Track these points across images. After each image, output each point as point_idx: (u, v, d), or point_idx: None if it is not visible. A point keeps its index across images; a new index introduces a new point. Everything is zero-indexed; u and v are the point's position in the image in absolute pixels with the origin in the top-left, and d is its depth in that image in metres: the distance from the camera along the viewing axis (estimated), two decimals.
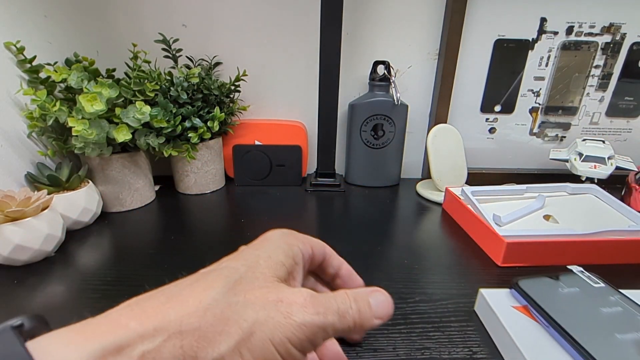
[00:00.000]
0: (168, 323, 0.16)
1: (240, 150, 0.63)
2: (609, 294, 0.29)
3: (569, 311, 0.28)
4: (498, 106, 0.67)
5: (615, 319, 0.27)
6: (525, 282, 0.31)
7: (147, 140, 0.51)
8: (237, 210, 0.56)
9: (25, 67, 0.46)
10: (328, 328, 0.19)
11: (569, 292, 0.30)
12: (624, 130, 0.69)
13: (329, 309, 0.19)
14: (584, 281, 0.31)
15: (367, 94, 0.63)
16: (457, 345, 0.29)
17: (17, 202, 0.37)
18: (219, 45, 0.62)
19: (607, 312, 0.27)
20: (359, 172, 0.66)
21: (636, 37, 0.63)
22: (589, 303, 0.29)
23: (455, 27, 0.60)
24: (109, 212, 0.53)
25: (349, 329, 0.20)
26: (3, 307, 0.33)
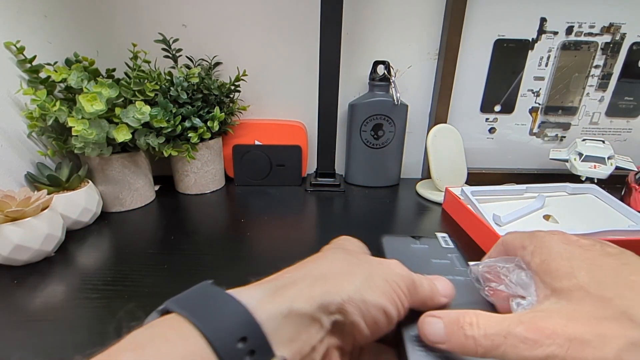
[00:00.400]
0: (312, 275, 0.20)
1: (240, 150, 0.63)
2: (448, 252, 0.34)
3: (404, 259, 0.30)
4: (498, 106, 0.67)
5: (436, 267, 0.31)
6: (387, 238, 0.36)
7: (147, 140, 0.51)
8: (237, 210, 0.56)
9: (25, 67, 0.46)
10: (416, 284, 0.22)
11: (416, 248, 0.34)
12: (624, 130, 0.69)
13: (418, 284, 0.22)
14: (437, 242, 0.35)
15: (367, 94, 0.63)
16: None
17: (17, 202, 0.37)
18: (219, 45, 0.62)
19: (435, 262, 0.32)
20: (359, 172, 0.66)
21: (636, 37, 0.63)
22: (426, 256, 0.33)
23: (455, 27, 0.60)
24: (109, 212, 0.53)
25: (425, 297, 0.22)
26: (3, 306, 0.33)
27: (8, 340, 0.29)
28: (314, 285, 0.18)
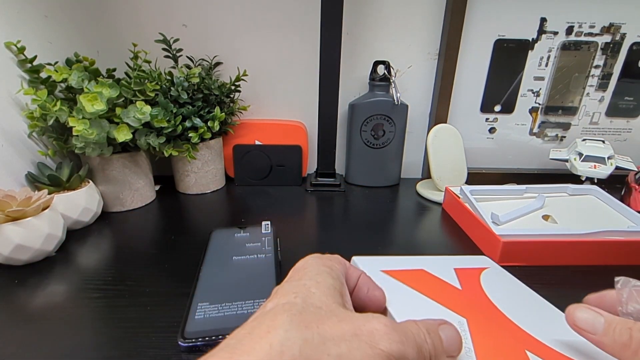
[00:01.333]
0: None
1: (240, 150, 0.63)
2: (263, 236, 0.42)
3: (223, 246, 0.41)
4: (498, 106, 0.67)
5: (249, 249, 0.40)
6: (216, 231, 0.44)
7: (148, 140, 0.51)
8: (238, 210, 0.56)
9: (26, 67, 0.47)
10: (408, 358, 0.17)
11: (238, 236, 0.43)
12: (624, 130, 0.69)
13: (409, 339, 0.18)
14: (258, 229, 0.44)
15: (367, 94, 0.63)
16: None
17: (17, 201, 0.38)
18: (219, 45, 0.62)
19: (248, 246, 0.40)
20: (359, 172, 0.66)
21: (636, 37, 0.63)
22: (243, 241, 0.41)
23: (455, 27, 0.60)
24: (110, 212, 0.53)
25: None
26: (4, 306, 0.34)
27: (8, 340, 0.29)
28: None
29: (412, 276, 0.30)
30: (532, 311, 0.28)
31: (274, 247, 0.40)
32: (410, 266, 0.32)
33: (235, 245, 0.41)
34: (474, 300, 0.28)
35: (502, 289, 0.31)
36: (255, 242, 0.41)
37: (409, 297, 0.27)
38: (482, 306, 0.28)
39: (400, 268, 0.31)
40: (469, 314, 0.26)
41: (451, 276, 0.31)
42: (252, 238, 0.42)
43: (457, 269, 0.33)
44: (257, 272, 0.36)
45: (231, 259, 0.38)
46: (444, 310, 0.26)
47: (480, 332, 0.24)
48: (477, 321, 0.25)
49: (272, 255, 0.39)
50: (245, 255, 0.39)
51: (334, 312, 0.18)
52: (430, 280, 0.30)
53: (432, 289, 0.28)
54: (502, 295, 0.29)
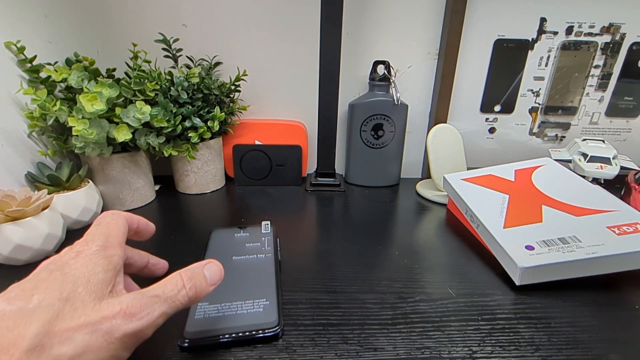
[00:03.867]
0: None
1: (240, 150, 0.63)
2: (263, 236, 0.43)
3: (224, 245, 0.41)
4: (498, 106, 0.68)
5: (249, 249, 0.40)
6: (216, 231, 0.44)
7: (148, 139, 0.51)
8: (237, 210, 0.56)
9: (26, 66, 0.46)
10: (158, 319, 0.23)
11: (238, 236, 0.43)
12: (624, 130, 0.69)
13: (154, 305, 0.23)
14: (258, 229, 0.44)
15: (367, 93, 0.63)
16: (457, 345, 0.29)
17: (17, 201, 0.38)
18: (219, 45, 0.62)
19: (248, 245, 0.41)
20: (359, 172, 0.66)
21: (636, 37, 0.63)
22: (243, 241, 0.42)
23: (455, 27, 0.60)
24: None
25: (184, 306, 0.24)
26: None
27: None
28: None
29: (482, 179, 0.50)
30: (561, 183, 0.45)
31: (273, 246, 0.40)
32: (482, 173, 0.52)
33: (235, 245, 0.41)
34: (519, 185, 0.47)
35: (546, 176, 0.47)
36: (255, 242, 0.41)
37: (478, 191, 0.47)
38: (524, 187, 0.46)
39: (474, 175, 0.51)
40: (511, 193, 0.45)
41: (510, 174, 0.50)
42: (252, 238, 0.42)
43: (517, 169, 0.51)
44: (257, 272, 0.36)
45: (231, 259, 0.38)
46: (495, 193, 0.46)
47: (515, 201, 0.43)
48: (515, 195, 0.45)
49: (272, 255, 0.39)
50: (245, 255, 0.39)
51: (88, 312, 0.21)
52: (493, 179, 0.50)
53: (494, 184, 0.48)
54: (543, 179, 0.47)
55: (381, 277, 0.38)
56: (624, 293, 0.35)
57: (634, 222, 0.37)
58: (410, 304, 0.34)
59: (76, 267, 0.23)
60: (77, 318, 0.21)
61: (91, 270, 0.23)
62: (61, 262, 0.23)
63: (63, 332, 0.20)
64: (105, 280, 0.23)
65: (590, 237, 0.36)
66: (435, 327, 0.31)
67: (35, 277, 0.22)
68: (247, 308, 0.31)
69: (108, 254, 0.25)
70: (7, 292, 0.21)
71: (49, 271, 0.22)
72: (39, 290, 0.21)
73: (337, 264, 0.41)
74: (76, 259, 0.24)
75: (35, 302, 0.20)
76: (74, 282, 0.22)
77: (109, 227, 0.27)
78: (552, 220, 0.39)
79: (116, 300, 0.22)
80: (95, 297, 0.22)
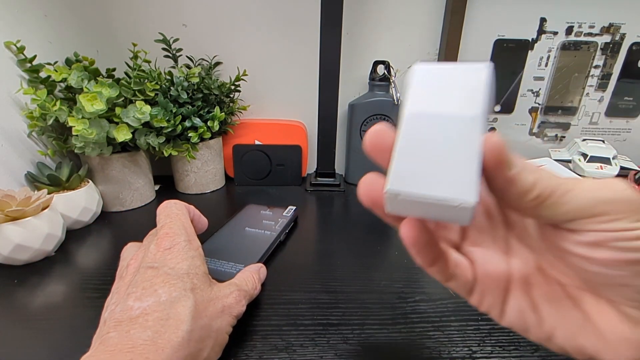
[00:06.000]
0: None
1: (240, 149, 0.63)
2: (281, 218, 0.46)
3: (249, 218, 0.46)
4: (498, 106, 0.68)
5: (264, 225, 0.44)
6: (249, 206, 0.50)
7: (147, 139, 0.51)
8: (237, 210, 0.56)
9: (26, 66, 0.46)
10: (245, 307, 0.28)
11: (263, 213, 0.48)
12: (624, 130, 0.69)
13: (247, 292, 0.29)
14: (281, 211, 0.48)
15: (367, 93, 0.63)
16: (457, 345, 0.29)
17: (17, 201, 0.37)
18: (219, 45, 0.62)
19: (264, 222, 0.45)
20: (359, 172, 0.66)
21: (635, 37, 0.63)
22: (262, 217, 0.46)
23: (455, 27, 0.60)
24: (109, 212, 0.53)
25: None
26: (4, 306, 0.33)
27: (8, 339, 0.29)
28: None
29: None
30: None
31: (283, 228, 0.44)
32: None
33: (255, 218, 0.46)
34: None
35: None
36: (272, 220, 0.45)
37: None
38: None
39: None
40: None
41: None
42: (272, 217, 0.46)
43: None
44: (254, 242, 0.40)
45: (244, 229, 0.43)
46: None
47: None
48: None
49: (276, 234, 0.42)
50: (256, 228, 0.43)
51: (210, 297, 0.25)
52: None
53: None
54: None
55: (381, 277, 0.38)
56: None
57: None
58: (410, 304, 0.34)
59: (177, 261, 0.25)
60: (208, 302, 0.25)
61: (192, 264, 0.26)
62: (158, 259, 0.25)
63: (205, 313, 0.24)
64: (205, 271, 0.27)
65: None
66: (435, 327, 0.31)
67: (143, 276, 0.24)
68: (226, 268, 0.36)
69: (194, 246, 0.27)
70: (126, 294, 0.23)
71: (154, 269, 0.24)
72: (158, 286, 0.23)
73: (337, 264, 0.41)
74: (172, 254, 0.26)
75: (164, 296, 0.23)
76: (188, 276, 0.25)
77: (181, 220, 0.29)
78: None
79: (227, 290, 0.27)
80: (208, 286, 0.26)
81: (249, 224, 0.44)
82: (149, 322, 0.21)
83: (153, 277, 0.23)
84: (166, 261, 0.25)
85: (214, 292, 0.26)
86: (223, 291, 0.27)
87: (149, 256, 0.25)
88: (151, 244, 0.27)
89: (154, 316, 0.21)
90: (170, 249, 0.26)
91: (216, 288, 0.27)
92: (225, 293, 0.27)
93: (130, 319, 0.21)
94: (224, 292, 0.27)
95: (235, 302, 0.27)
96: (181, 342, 0.21)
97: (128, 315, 0.22)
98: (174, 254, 0.25)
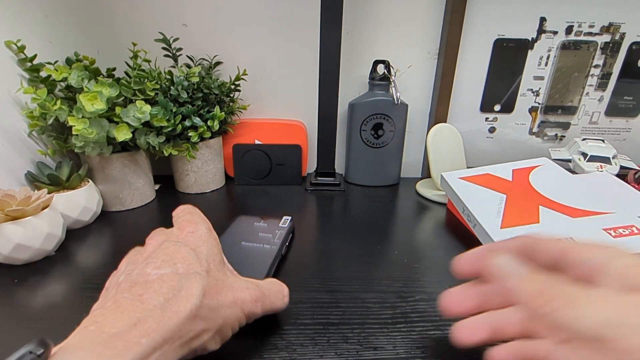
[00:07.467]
0: (171, 333, 0.20)
1: (240, 149, 0.63)
2: (278, 229, 0.43)
3: (240, 231, 0.43)
4: (498, 106, 0.68)
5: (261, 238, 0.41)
6: (240, 217, 0.46)
7: (147, 139, 0.51)
8: (237, 209, 0.56)
9: (26, 65, 0.46)
10: (259, 314, 0.27)
11: (257, 225, 0.44)
12: (624, 130, 0.69)
13: (265, 296, 0.27)
14: (277, 222, 0.45)
15: (367, 93, 0.63)
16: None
17: (17, 201, 0.38)
18: (219, 44, 0.62)
19: (261, 235, 0.42)
20: (359, 172, 0.66)
21: (635, 37, 0.63)
22: (259, 230, 0.43)
23: (455, 27, 0.60)
24: (109, 211, 0.53)
25: (274, 312, 0.29)
26: (4, 306, 0.33)
27: (8, 339, 0.29)
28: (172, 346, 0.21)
29: (480, 178, 0.50)
30: (558, 184, 0.45)
31: (282, 241, 0.41)
32: (479, 172, 0.51)
33: (250, 232, 0.42)
34: (517, 185, 0.47)
35: (543, 177, 0.47)
36: (268, 232, 0.42)
37: (475, 190, 0.47)
38: (521, 188, 0.46)
39: (472, 174, 0.51)
40: (509, 192, 0.45)
41: (507, 174, 0.49)
42: (268, 229, 0.43)
43: (515, 169, 0.50)
44: (254, 259, 0.37)
45: (240, 243, 0.40)
46: (493, 192, 0.46)
47: (512, 201, 0.43)
48: (512, 195, 0.45)
49: (277, 247, 0.39)
50: (253, 242, 0.40)
51: (224, 284, 0.25)
52: (491, 178, 0.49)
53: (491, 183, 0.48)
54: (540, 180, 0.46)
55: (381, 276, 0.38)
56: None
57: (630, 224, 0.37)
58: (410, 303, 0.34)
59: (198, 244, 0.26)
60: (221, 288, 0.25)
61: (210, 250, 0.26)
62: (182, 238, 0.26)
63: (216, 297, 0.24)
64: (222, 260, 0.27)
65: (586, 239, 0.36)
66: (435, 326, 0.31)
67: (165, 250, 0.25)
68: None
69: (214, 236, 0.29)
70: (145, 263, 0.24)
71: (175, 245, 0.25)
72: (178, 260, 0.24)
73: (337, 264, 0.41)
74: (194, 237, 0.27)
75: (181, 269, 0.23)
76: (205, 259, 0.25)
77: (201, 214, 0.31)
78: (549, 222, 0.39)
79: (244, 284, 0.27)
80: (223, 273, 0.26)
81: (244, 238, 0.41)
82: (163, 289, 0.22)
83: (174, 252, 0.25)
84: (188, 242, 0.26)
85: (229, 281, 0.26)
86: (239, 283, 0.26)
87: (172, 236, 0.27)
88: (172, 229, 0.29)
89: (168, 284, 0.22)
90: (193, 232, 0.27)
91: (233, 278, 0.27)
92: (241, 286, 0.26)
93: (145, 282, 0.22)
94: (240, 285, 0.26)
95: (250, 299, 0.26)
96: (188, 315, 0.21)
97: (144, 279, 0.23)
98: (196, 237, 0.27)
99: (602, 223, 0.38)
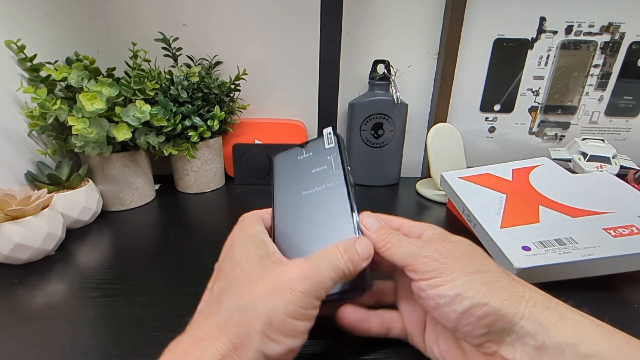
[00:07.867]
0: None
1: (240, 149, 0.63)
2: (328, 154, 0.33)
3: (291, 179, 0.33)
4: (497, 105, 0.68)
5: (315, 178, 0.32)
6: (278, 156, 0.36)
7: (147, 139, 0.51)
8: (237, 209, 0.56)
9: (26, 65, 0.46)
10: (326, 282, 0.23)
11: (301, 159, 0.34)
12: (623, 130, 0.69)
13: (322, 268, 0.23)
14: (321, 143, 0.34)
15: (367, 93, 0.63)
16: None
17: (17, 200, 0.38)
18: (219, 44, 0.62)
19: (314, 172, 0.32)
20: (359, 171, 0.66)
21: (635, 37, 0.63)
22: (308, 167, 0.33)
23: (455, 27, 0.60)
24: (109, 211, 0.53)
25: (345, 276, 0.24)
26: (3, 305, 0.33)
27: (8, 339, 0.29)
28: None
29: (479, 177, 0.49)
30: (557, 184, 0.45)
31: (342, 167, 0.32)
32: (479, 172, 0.50)
33: (301, 173, 0.33)
34: (517, 185, 0.46)
35: (543, 176, 0.47)
36: (320, 165, 0.33)
37: (475, 190, 0.47)
38: (521, 187, 0.46)
39: (472, 174, 0.50)
40: (508, 192, 0.45)
41: (507, 173, 0.49)
42: (317, 159, 0.33)
43: (514, 169, 0.50)
44: (329, 210, 0.29)
45: (300, 195, 0.31)
46: (493, 192, 0.46)
47: (512, 201, 0.43)
48: (512, 195, 0.44)
49: (342, 181, 0.31)
50: (314, 187, 0.31)
51: (260, 276, 0.23)
52: (491, 178, 0.49)
53: (491, 183, 0.47)
54: (540, 179, 0.46)
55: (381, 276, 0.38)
56: (623, 292, 0.35)
57: (630, 224, 0.37)
58: None
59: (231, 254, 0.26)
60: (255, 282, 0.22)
61: (243, 249, 0.26)
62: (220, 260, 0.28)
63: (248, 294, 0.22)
64: (259, 253, 0.25)
65: (586, 239, 0.36)
66: None
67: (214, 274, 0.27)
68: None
69: (248, 232, 0.28)
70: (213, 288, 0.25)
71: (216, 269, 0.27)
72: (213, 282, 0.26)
73: None
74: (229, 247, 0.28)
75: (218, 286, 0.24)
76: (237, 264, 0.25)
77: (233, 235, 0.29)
78: (549, 221, 0.39)
79: (286, 266, 0.24)
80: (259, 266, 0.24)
81: (301, 187, 0.32)
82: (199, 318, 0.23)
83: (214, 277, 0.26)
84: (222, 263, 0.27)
85: (269, 273, 0.23)
86: (280, 267, 0.23)
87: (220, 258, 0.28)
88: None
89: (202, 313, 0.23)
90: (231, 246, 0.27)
91: (272, 266, 0.24)
92: (283, 269, 0.23)
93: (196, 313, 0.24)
94: (281, 269, 0.23)
95: (298, 275, 0.22)
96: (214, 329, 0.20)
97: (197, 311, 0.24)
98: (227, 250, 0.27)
99: (602, 223, 0.37)
